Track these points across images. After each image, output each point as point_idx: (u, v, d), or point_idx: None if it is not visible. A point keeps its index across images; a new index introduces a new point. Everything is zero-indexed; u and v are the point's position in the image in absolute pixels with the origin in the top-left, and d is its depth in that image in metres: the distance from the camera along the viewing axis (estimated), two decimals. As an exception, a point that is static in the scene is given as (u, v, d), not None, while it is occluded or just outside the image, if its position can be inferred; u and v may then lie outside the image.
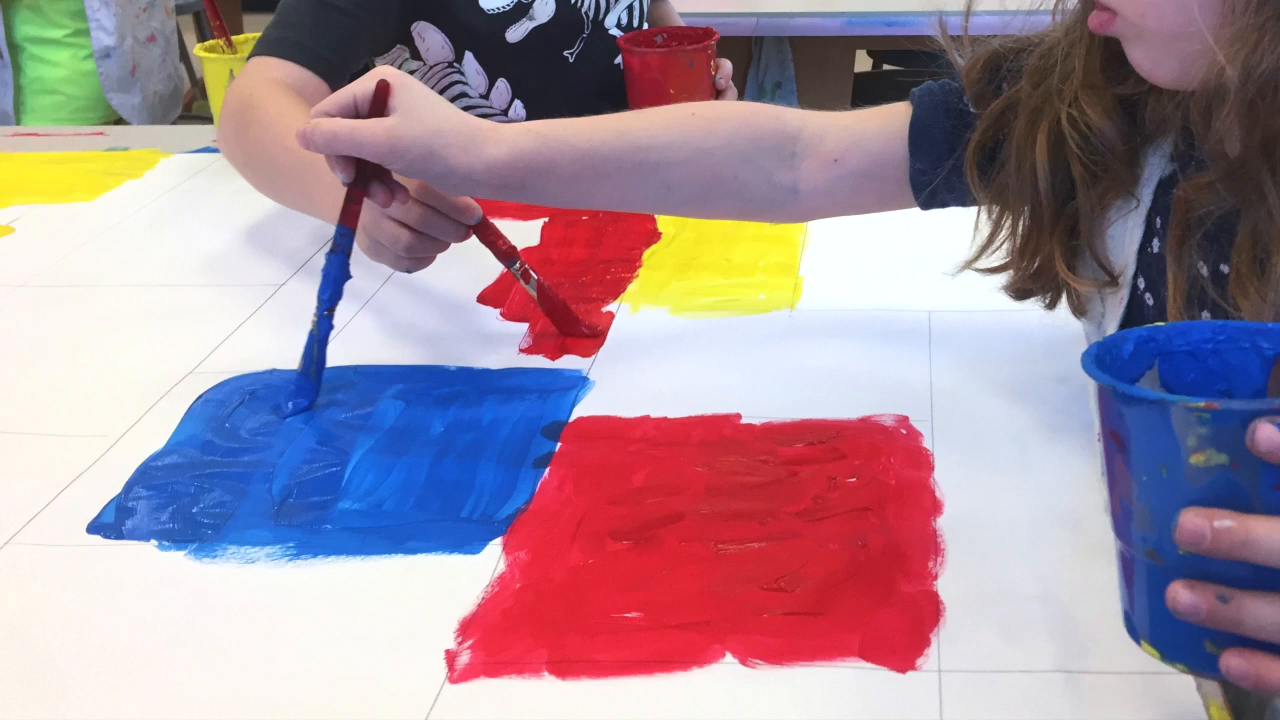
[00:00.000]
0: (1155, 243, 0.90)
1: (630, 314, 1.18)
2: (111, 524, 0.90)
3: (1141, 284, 0.90)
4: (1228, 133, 0.80)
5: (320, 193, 1.18)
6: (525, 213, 1.36)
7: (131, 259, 1.35)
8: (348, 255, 1.05)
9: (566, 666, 0.75)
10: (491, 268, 1.18)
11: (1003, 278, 0.99)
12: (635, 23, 1.63)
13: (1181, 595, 0.60)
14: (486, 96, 1.56)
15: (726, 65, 1.51)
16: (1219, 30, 0.77)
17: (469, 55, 1.54)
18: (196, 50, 1.63)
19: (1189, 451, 0.59)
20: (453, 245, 1.12)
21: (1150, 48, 0.82)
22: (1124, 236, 0.91)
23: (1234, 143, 0.80)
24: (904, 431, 0.97)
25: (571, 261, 1.28)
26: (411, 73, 1.52)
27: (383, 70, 1.02)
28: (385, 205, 1.05)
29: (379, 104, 1.01)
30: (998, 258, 0.99)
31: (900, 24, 2.37)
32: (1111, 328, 0.92)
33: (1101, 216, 0.91)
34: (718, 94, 1.50)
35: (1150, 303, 0.90)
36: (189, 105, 3.34)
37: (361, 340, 1.14)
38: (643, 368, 1.08)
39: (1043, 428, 0.97)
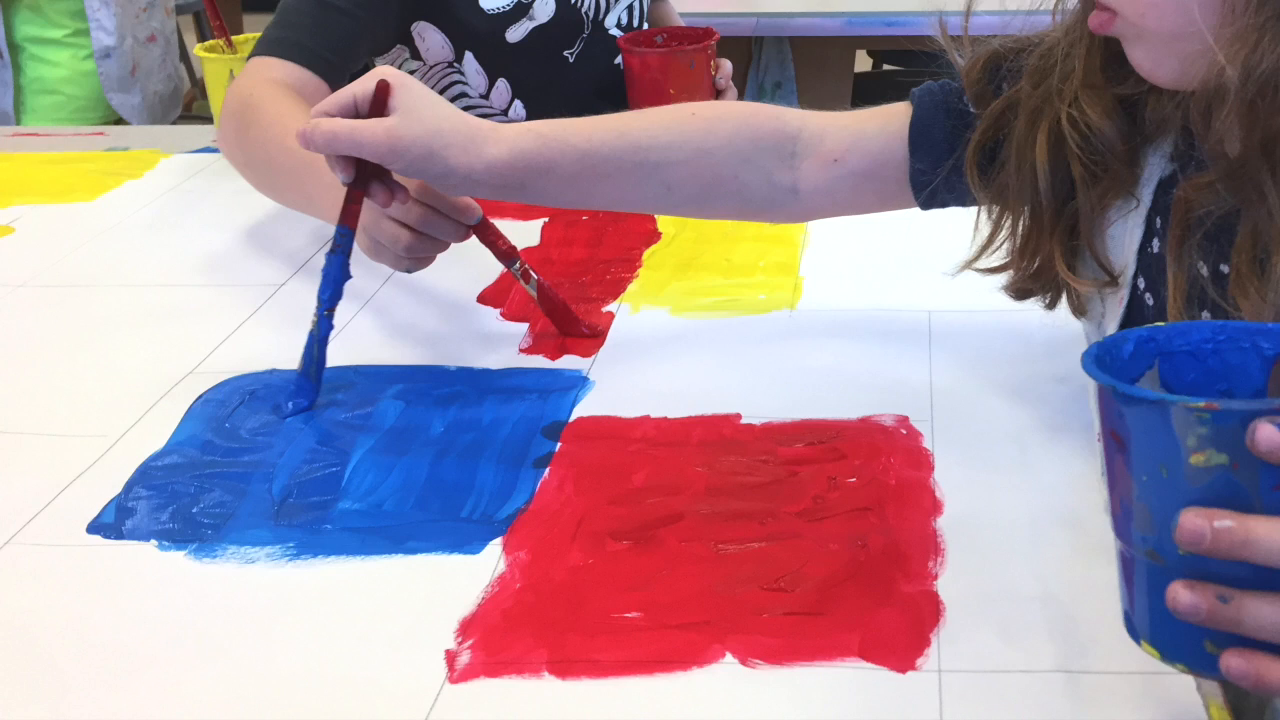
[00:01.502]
0: (1155, 243, 0.90)
1: (630, 314, 1.18)
2: (111, 524, 0.90)
3: (1141, 284, 0.90)
4: (1228, 133, 0.80)
5: (320, 193, 1.18)
6: (525, 213, 1.36)
7: (131, 259, 1.35)
8: (348, 255, 1.05)
9: (566, 666, 0.75)
10: (491, 268, 1.18)
11: (1003, 278, 0.99)
12: (635, 23, 1.63)
13: (1181, 595, 0.60)
14: (486, 96, 1.56)
15: (726, 65, 1.51)
16: (1219, 30, 0.77)
17: (469, 55, 1.54)
18: (196, 50, 1.63)
19: (1189, 451, 0.59)
20: (453, 245, 1.12)
21: (1150, 48, 0.82)
22: (1124, 236, 0.91)
23: (1234, 143, 0.80)
24: (904, 431, 0.97)
25: (571, 261, 1.28)
26: (411, 73, 1.52)
27: (383, 70, 1.02)
28: (385, 205, 1.05)
29: (379, 104, 1.01)
30: (998, 258, 0.99)
31: (900, 24, 2.37)
32: (1111, 328, 0.92)
33: (1101, 216, 0.91)
34: (718, 94, 1.50)
35: (1150, 303, 0.90)
36: (189, 105, 3.34)
37: (361, 340, 1.14)
38: (643, 368, 1.08)
39: (1043, 428, 0.97)
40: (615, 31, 1.61)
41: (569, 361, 1.10)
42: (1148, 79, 0.84)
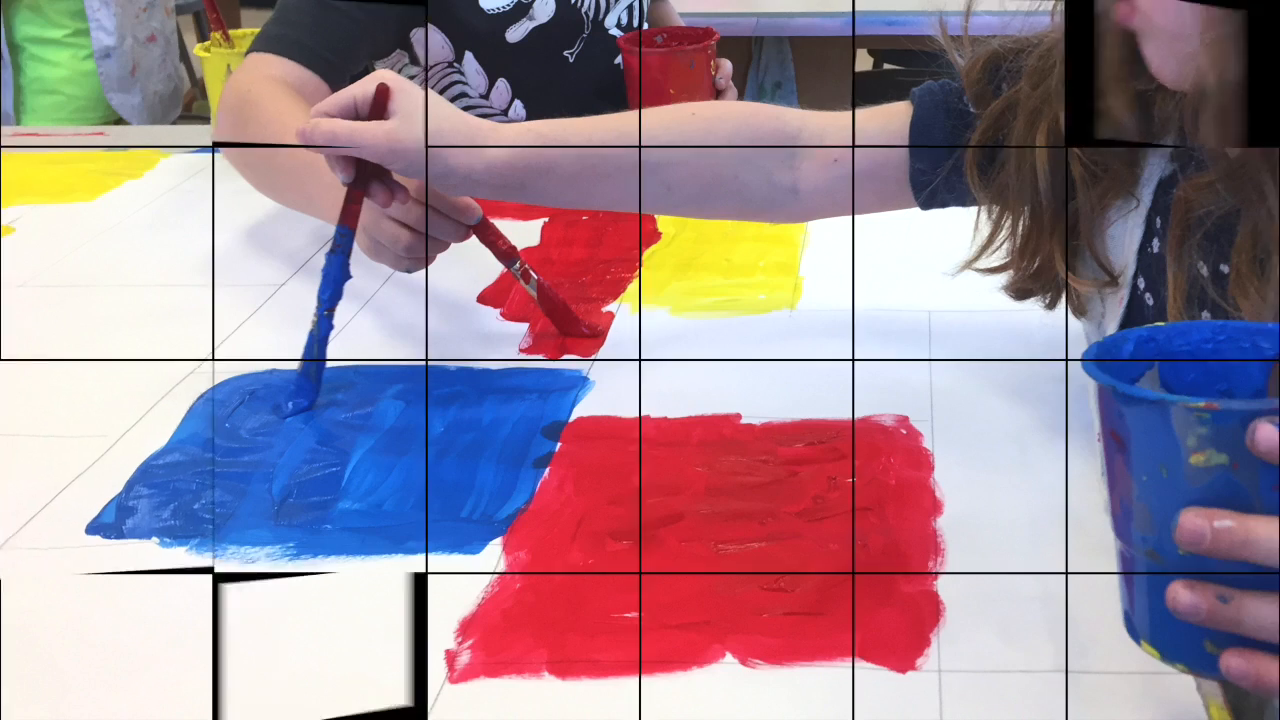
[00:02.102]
0: (1155, 243, 0.90)
1: (630, 314, 1.18)
2: (111, 524, 0.90)
3: (1141, 284, 0.90)
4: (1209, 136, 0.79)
5: (320, 193, 1.18)
6: (525, 213, 1.36)
7: (131, 259, 1.35)
8: (348, 255, 1.05)
9: (566, 666, 0.75)
10: (491, 268, 1.18)
11: (1003, 278, 0.99)
12: (635, 23, 1.63)
13: (1181, 595, 0.60)
14: (486, 96, 1.56)
15: (726, 65, 1.51)
16: (1203, 34, 0.77)
17: (469, 55, 1.54)
18: (196, 50, 1.63)
19: (1189, 451, 0.59)
20: (453, 245, 1.12)
21: (1159, 45, 0.82)
22: (1124, 236, 0.91)
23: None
24: (904, 431, 0.97)
25: (571, 261, 1.28)
26: (411, 77, 1.52)
27: (382, 74, 1.02)
28: (385, 205, 1.05)
29: (379, 107, 1.01)
30: (998, 258, 0.99)
31: (900, 24, 2.37)
32: (1111, 328, 0.92)
33: (1101, 216, 0.91)
34: (718, 94, 1.50)
35: (1150, 303, 0.90)
36: (189, 105, 3.34)
37: (361, 340, 1.14)
38: (643, 368, 1.08)
39: (1043, 428, 0.97)
40: (615, 31, 1.60)
41: (569, 361, 1.10)
42: (1155, 76, 0.84)
